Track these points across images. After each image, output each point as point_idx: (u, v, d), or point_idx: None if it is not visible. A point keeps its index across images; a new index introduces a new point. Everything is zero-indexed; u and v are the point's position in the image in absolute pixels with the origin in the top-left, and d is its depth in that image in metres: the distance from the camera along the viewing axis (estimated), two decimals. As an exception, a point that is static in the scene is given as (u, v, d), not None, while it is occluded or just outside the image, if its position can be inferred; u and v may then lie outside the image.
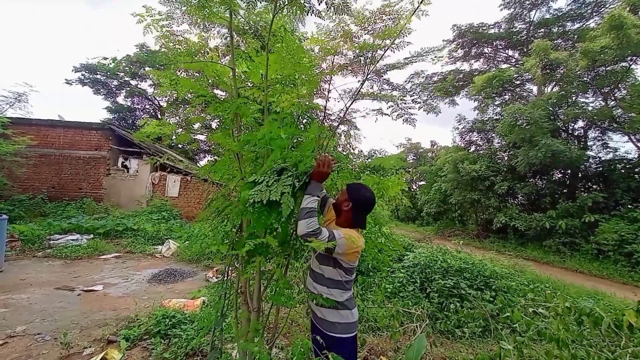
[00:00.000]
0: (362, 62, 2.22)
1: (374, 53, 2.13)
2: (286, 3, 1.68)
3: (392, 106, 2.33)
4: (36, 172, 10.81)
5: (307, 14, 1.71)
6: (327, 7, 1.74)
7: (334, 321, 1.60)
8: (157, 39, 1.80)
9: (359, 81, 2.27)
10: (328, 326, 1.61)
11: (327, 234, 1.47)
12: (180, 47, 1.88)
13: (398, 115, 2.36)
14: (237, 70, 1.87)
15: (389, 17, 1.99)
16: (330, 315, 1.61)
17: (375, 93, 2.45)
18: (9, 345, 2.94)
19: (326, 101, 2.49)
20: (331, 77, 2.34)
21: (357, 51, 2.19)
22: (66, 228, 7.67)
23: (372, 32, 2.08)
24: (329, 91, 2.36)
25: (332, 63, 2.34)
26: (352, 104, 2.29)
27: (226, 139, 1.85)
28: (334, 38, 2.19)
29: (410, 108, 2.34)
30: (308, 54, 2.05)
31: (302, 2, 1.66)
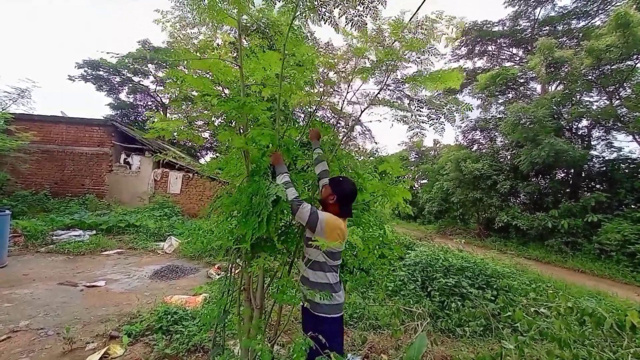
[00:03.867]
0: (384, 67, 2.22)
1: (396, 62, 2.14)
2: (304, 10, 1.69)
3: (406, 117, 2.37)
4: (39, 168, 10.85)
5: (325, 22, 1.74)
6: (347, 21, 1.78)
7: (321, 302, 1.74)
8: (175, 41, 1.86)
9: (378, 83, 2.27)
10: (316, 307, 1.75)
11: (310, 206, 1.66)
12: (190, 45, 1.91)
13: (410, 128, 2.39)
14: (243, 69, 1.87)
15: (422, 31, 2.01)
16: (317, 297, 1.73)
17: (393, 102, 2.46)
18: (12, 339, 2.96)
19: (342, 102, 2.49)
20: (352, 79, 2.33)
21: (382, 56, 2.19)
22: (69, 224, 7.71)
23: (401, 41, 2.08)
24: (347, 92, 2.35)
25: (355, 65, 2.34)
26: (367, 108, 2.31)
27: (232, 136, 1.85)
28: (365, 41, 2.18)
29: (423, 122, 2.37)
30: (314, 52, 2.05)
31: (320, 10, 1.69)
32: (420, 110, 2.41)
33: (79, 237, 7.08)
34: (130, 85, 19.40)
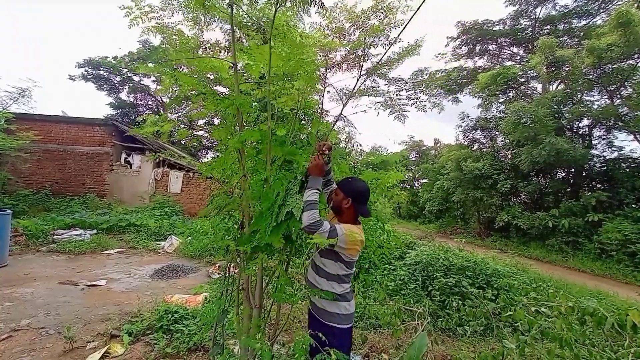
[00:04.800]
0: (355, 58, 2.22)
1: (365, 50, 2.13)
2: None
3: (387, 101, 2.34)
4: (40, 167, 10.87)
5: (310, 5, 1.69)
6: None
7: (333, 312, 1.66)
8: (145, 31, 1.76)
9: (353, 77, 2.26)
10: (327, 316, 1.66)
11: (329, 226, 1.51)
12: (173, 41, 1.86)
13: (390, 112, 2.36)
14: (237, 65, 1.85)
15: (380, 12, 1.98)
16: (329, 306, 1.66)
17: (369, 90, 2.44)
18: (13, 338, 2.97)
19: (322, 97, 2.46)
20: (326, 74, 2.33)
21: (349, 48, 2.18)
22: (70, 223, 7.72)
23: (364, 28, 2.07)
24: (325, 87, 2.33)
25: (327, 60, 2.33)
26: (348, 102, 2.28)
27: (227, 135, 1.85)
28: (327, 35, 2.18)
29: (404, 104, 2.35)
30: (308, 50, 2.04)
31: None
32: (399, 94, 2.41)
33: (80, 237, 7.09)
34: (131, 84, 19.43)
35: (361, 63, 2.18)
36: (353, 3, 2.05)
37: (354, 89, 2.19)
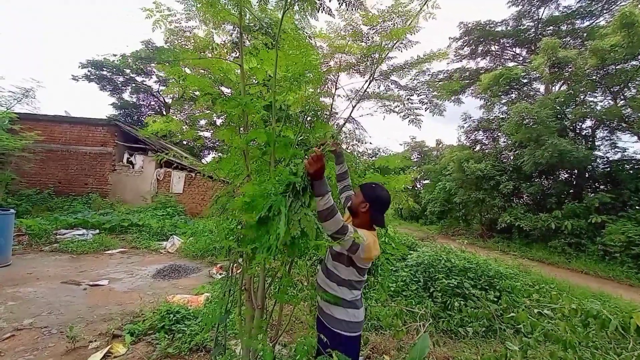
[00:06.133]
0: (369, 62, 2.20)
1: (380, 53, 2.12)
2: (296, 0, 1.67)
3: (399, 106, 2.33)
4: (43, 167, 10.92)
5: (318, 11, 1.69)
6: (339, 3, 1.73)
7: (341, 318, 1.61)
8: (166, 34, 1.80)
9: (366, 80, 2.24)
10: (335, 323, 1.61)
11: (352, 231, 1.46)
12: (187, 43, 1.89)
13: (404, 115, 2.34)
14: (244, 67, 1.86)
15: (398, 16, 1.98)
16: (337, 312, 1.62)
17: (381, 94, 2.44)
18: (16, 338, 2.98)
19: (332, 100, 2.45)
20: (338, 76, 2.33)
21: (365, 51, 2.17)
22: (72, 223, 7.75)
23: (381, 31, 2.07)
24: (335, 89, 2.32)
25: (340, 61, 2.32)
26: (357, 103, 2.27)
27: (232, 136, 1.85)
28: (343, 37, 2.17)
29: (417, 108, 2.33)
30: (316, 52, 2.04)
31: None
32: (410, 98, 2.39)
33: (83, 236, 7.12)
34: (134, 85, 19.51)
35: (373, 66, 2.17)
36: (372, 3, 2.04)
37: (364, 92, 2.19)
